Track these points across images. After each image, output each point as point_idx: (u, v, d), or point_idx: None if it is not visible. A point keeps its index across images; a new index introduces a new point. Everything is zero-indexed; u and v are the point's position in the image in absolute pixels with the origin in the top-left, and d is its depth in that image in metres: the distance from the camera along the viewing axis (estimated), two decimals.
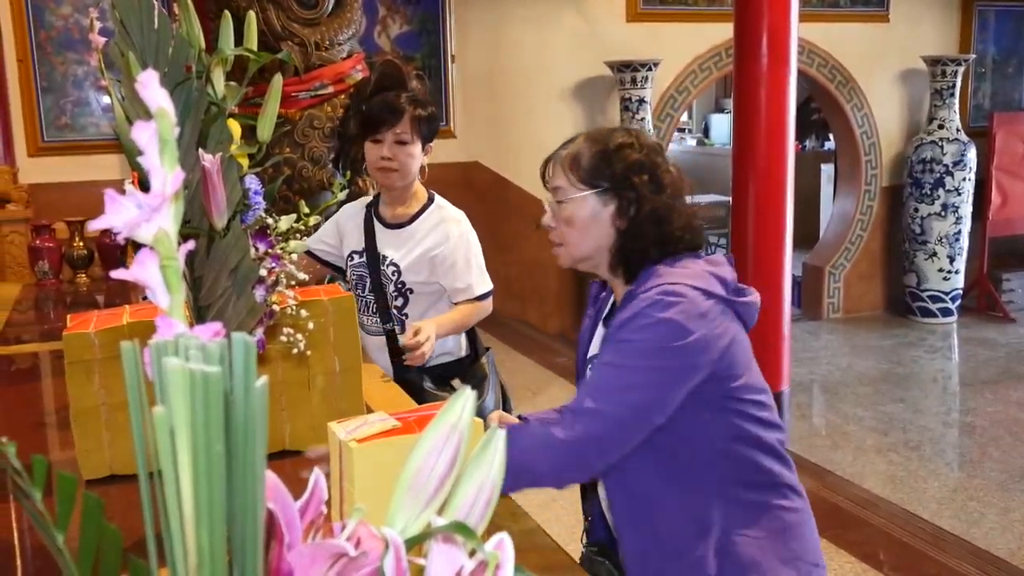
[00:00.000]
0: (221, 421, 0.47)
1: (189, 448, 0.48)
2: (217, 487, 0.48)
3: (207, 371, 0.47)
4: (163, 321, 0.54)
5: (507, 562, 0.57)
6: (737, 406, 1.57)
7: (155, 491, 0.52)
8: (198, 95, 0.88)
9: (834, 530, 3.56)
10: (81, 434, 1.55)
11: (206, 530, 0.49)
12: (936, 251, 6.96)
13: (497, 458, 0.62)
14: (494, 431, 0.63)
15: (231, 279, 0.89)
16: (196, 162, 0.80)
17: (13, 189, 4.25)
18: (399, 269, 2.52)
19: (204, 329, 0.54)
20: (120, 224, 0.54)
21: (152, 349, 0.52)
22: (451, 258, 2.50)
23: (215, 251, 0.88)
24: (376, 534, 0.61)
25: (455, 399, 0.59)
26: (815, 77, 6.84)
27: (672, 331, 1.48)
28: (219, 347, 0.50)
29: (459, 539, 0.57)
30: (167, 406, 0.47)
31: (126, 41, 0.95)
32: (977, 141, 6.99)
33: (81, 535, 0.52)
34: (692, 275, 1.55)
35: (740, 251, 4.53)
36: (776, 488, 1.62)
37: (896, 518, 3.73)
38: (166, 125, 0.56)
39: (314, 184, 3.99)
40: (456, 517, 0.60)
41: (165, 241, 0.55)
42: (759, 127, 4.31)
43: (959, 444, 4.88)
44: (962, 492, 4.14)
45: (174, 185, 0.54)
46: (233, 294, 0.89)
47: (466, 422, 0.59)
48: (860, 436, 4.92)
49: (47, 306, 3.50)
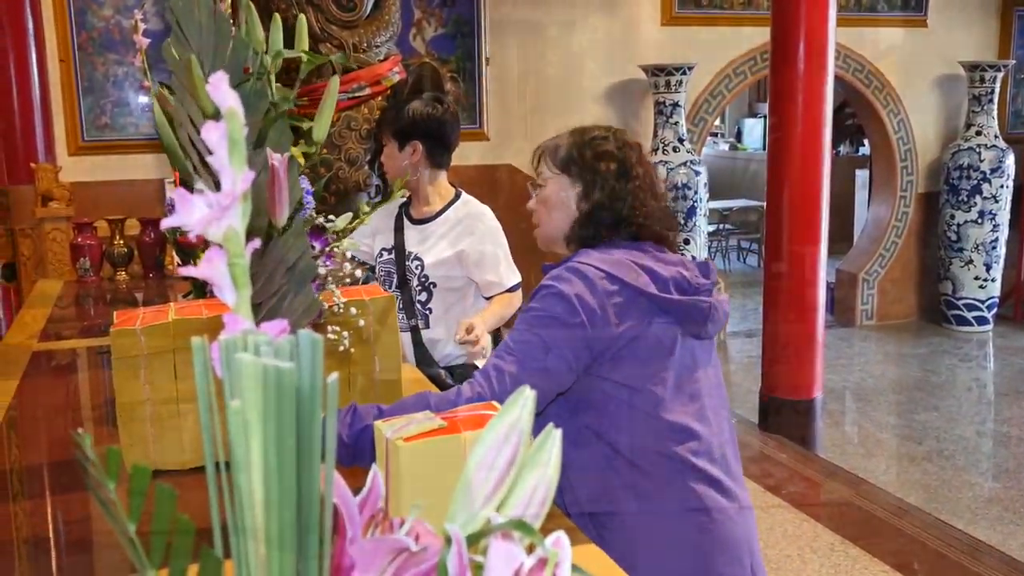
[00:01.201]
0: (294, 415, 0.48)
1: (261, 441, 0.49)
2: (289, 479, 0.49)
3: (281, 366, 0.48)
4: (231, 318, 0.55)
5: (565, 560, 0.57)
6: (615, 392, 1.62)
7: (220, 483, 0.53)
8: (257, 96, 0.90)
9: (868, 539, 3.53)
10: (126, 430, 1.58)
11: (276, 522, 0.50)
12: (972, 259, 6.88)
13: (553, 457, 0.63)
14: (549, 432, 0.64)
15: (286, 277, 0.90)
16: (255, 162, 0.81)
17: (56, 187, 4.31)
18: (423, 263, 2.56)
19: (270, 326, 0.55)
20: (192, 222, 0.56)
21: (222, 345, 0.53)
22: (479, 252, 2.55)
23: (271, 249, 0.89)
24: (432, 531, 0.62)
25: (515, 398, 0.59)
26: (851, 82, 6.79)
27: (563, 305, 1.58)
28: (288, 343, 0.52)
29: (518, 536, 0.57)
30: (241, 400, 0.48)
31: (182, 42, 0.96)
32: (1015, 148, 6.91)
33: (154, 525, 0.53)
34: (609, 261, 1.63)
35: (774, 256, 4.51)
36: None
37: (930, 527, 3.69)
38: (236, 126, 0.57)
39: (350, 185, 4.01)
40: (513, 515, 0.61)
41: (234, 239, 0.56)
42: (795, 132, 4.28)
43: (994, 454, 4.82)
44: (997, 503, 4.09)
45: (244, 184, 0.55)
46: (289, 292, 0.90)
47: (526, 421, 0.59)
48: (894, 445, 4.88)
49: (87, 303, 3.54)
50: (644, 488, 1.63)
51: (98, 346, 2.69)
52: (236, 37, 0.90)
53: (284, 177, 0.71)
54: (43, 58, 5.06)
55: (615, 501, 1.63)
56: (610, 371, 1.61)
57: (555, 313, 1.58)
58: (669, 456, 1.62)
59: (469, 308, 2.59)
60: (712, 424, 1.67)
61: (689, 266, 1.70)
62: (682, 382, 1.65)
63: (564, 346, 1.58)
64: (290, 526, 0.50)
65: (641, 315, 1.61)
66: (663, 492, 1.63)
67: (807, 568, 3.35)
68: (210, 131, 0.56)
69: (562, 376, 1.59)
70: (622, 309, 1.59)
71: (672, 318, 1.64)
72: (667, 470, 1.62)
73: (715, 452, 1.66)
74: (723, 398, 1.76)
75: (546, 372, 1.58)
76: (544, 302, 1.61)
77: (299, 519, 0.51)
